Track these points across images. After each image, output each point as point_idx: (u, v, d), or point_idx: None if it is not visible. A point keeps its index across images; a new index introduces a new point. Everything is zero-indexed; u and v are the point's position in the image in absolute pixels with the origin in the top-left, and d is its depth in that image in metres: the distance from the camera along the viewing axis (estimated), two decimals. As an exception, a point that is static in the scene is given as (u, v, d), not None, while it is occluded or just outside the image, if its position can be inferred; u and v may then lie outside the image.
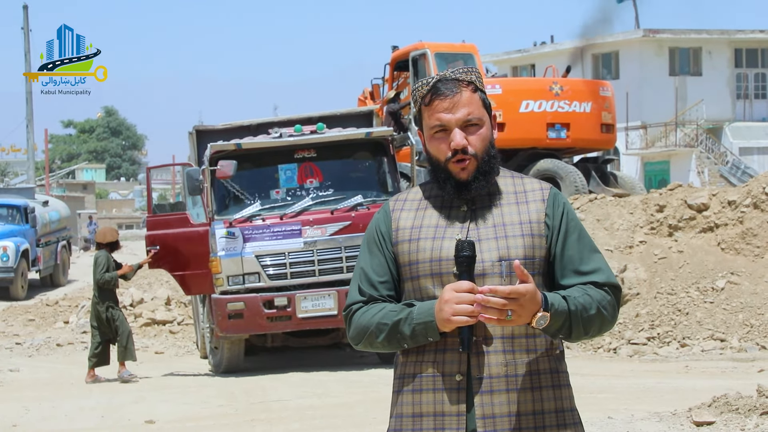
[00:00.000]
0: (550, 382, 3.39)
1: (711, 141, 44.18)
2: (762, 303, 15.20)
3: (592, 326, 3.38)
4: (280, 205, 14.37)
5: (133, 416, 11.42)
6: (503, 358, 3.35)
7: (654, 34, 45.12)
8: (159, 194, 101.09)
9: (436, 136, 3.42)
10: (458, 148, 3.38)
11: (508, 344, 3.35)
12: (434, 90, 3.41)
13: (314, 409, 11.39)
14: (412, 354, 3.43)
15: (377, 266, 3.49)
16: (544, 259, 3.42)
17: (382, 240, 3.51)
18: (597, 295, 3.39)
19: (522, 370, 3.36)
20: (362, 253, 3.55)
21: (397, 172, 14.74)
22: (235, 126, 15.80)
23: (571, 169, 21.45)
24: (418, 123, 3.52)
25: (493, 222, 3.42)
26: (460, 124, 3.39)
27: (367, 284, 3.48)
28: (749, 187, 17.35)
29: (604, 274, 3.43)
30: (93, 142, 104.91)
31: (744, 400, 9.20)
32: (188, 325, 18.55)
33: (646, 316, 15.45)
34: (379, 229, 3.53)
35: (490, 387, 3.33)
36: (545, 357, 3.40)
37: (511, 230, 3.40)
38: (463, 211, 3.44)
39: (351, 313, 3.48)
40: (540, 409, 3.37)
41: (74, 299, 22.07)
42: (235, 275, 13.97)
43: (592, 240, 3.50)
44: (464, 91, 3.41)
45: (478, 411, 3.33)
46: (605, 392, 11.30)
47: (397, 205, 3.54)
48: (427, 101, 3.42)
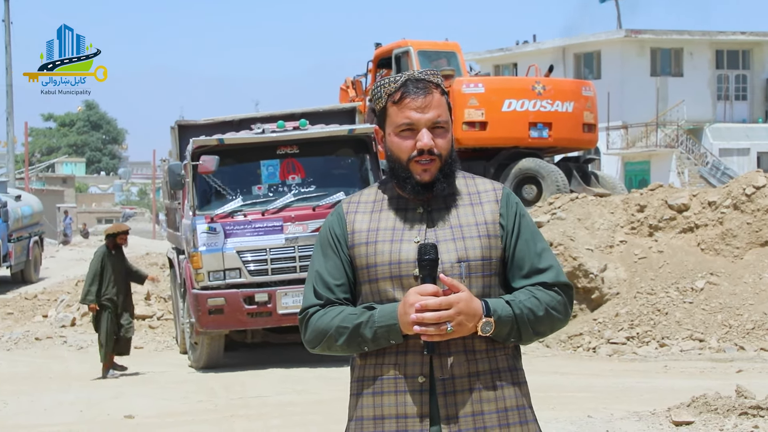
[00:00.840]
0: (510, 379, 3.41)
1: (691, 142, 44.33)
2: (741, 304, 15.27)
3: (542, 328, 3.40)
4: (261, 201, 14.35)
5: (112, 411, 11.39)
6: (465, 357, 3.35)
7: (636, 34, 45.24)
8: (139, 188, 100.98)
9: (401, 134, 3.40)
10: (425, 149, 3.38)
11: (468, 344, 3.36)
12: (406, 88, 3.40)
13: (294, 405, 11.38)
14: (371, 357, 3.41)
15: (332, 269, 3.46)
16: (500, 259, 3.43)
17: (336, 242, 3.49)
18: (545, 296, 3.40)
19: (483, 369, 3.37)
20: (316, 256, 3.53)
21: (379, 169, 14.74)
22: (217, 121, 15.78)
23: (553, 168, 21.49)
24: (377, 119, 3.49)
25: (449, 223, 3.42)
26: (429, 125, 3.39)
27: (323, 287, 3.45)
28: (729, 188, 17.41)
29: (553, 273, 3.44)
30: (73, 136, 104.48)
31: (723, 401, 9.24)
32: (168, 320, 18.50)
33: (625, 315, 15.49)
34: (333, 231, 3.50)
35: (453, 387, 3.34)
36: (504, 356, 3.42)
37: (468, 231, 3.41)
38: (420, 213, 3.44)
39: (307, 316, 3.45)
40: (503, 407, 3.38)
41: (53, 293, 21.98)
42: (216, 271, 13.95)
43: (544, 239, 3.52)
44: (435, 93, 3.41)
45: (442, 412, 3.33)
46: (584, 391, 11.33)
47: (351, 207, 3.53)
48: (396, 98, 3.40)
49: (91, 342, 17.32)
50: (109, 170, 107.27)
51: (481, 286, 3.39)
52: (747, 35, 46.69)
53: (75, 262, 31.64)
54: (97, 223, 72.64)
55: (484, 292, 3.39)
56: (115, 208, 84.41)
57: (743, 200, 16.75)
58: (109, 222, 75.47)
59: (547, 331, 3.43)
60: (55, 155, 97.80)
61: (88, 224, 63.59)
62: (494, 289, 3.42)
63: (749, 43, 46.81)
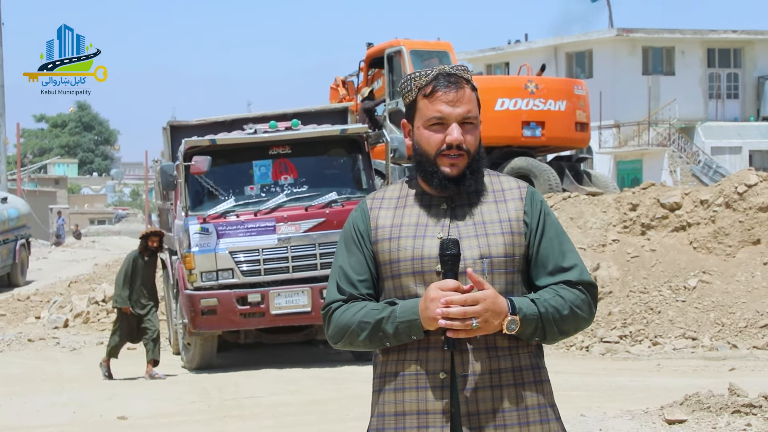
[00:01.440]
0: (531, 377, 3.41)
1: (683, 140, 44.38)
2: (733, 302, 15.29)
3: (567, 327, 3.39)
4: (254, 201, 14.35)
5: (105, 412, 11.38)
6: (486, 354, 3.35)
7: (627, 33, 45.28)
8: (132, 189, 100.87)
9: (431, 128, 3.40)
10: (455, 143, 3.37)
11: (491, 341, 3.35)
12: (437, 82, 3.40)
13: (287, 406, 11.38)
14: (393, 352, 3.42)
15: (356, 264, 3.47)
16: (524, 257, 3.42)
17: (360, 238, 3.49)
18: (569, 295, 3.39)
19: (504, 367, 3.36)
20: (340, 252, 3.53)
21: (371, 169, 14.74)
22: (209, 122, 15.77)
23: (545, 167, 21.50)
24: (407, 113, 3.49)
25: (473, 220, 3.42)
26: (460, 120, 3.39)
27: (346, 283, 3.46)
28: (721, 186, 17.44)
29: (577, 271, 3.43)
30: (65, 137, 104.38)
31: (715, 399, 9.25)
32: (161, 321, 18.48)
33: (618, 314, 15.51)
34: (357, 227, 3.50)
35: (474, 384, 3.33)
36: (526, 353, 3.41)
37: (491, 228, 3.40)
38: (443, 209, 3.44)
39: (330, 311, 3.46)
40: (524, 405, 3.38)
41: (46, 294, 21.96)
42: (209, 271, 13.94)
43: (569, 238, 3.52)
44: (466, 88, 3.42)
45: (463, 408, 3.33)
46: (578, 390, 11.33)
47: (375, 203, 3.53)
48: (428, 92, 3.40)
49: (84, 343, 17.31)
50: (102, 171, 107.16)
51: (503, 283, 3.38)
52: (738, 33, 46.75)
53: (67, 264, 31.61)
54: (89, 224, 72.62)
55: (506, 289, 3.38)
56: (108, 209, 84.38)
57: (735, 198, 16.78)
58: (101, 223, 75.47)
59: (571, 330, 3.42)
60: (48, 156, 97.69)
61: (81, 225, 63.55)
62: (517, 286, 3.41)
63: (741, 41, 46.87)
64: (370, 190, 14.41)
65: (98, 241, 46.67)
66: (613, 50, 45.10)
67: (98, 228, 69.87)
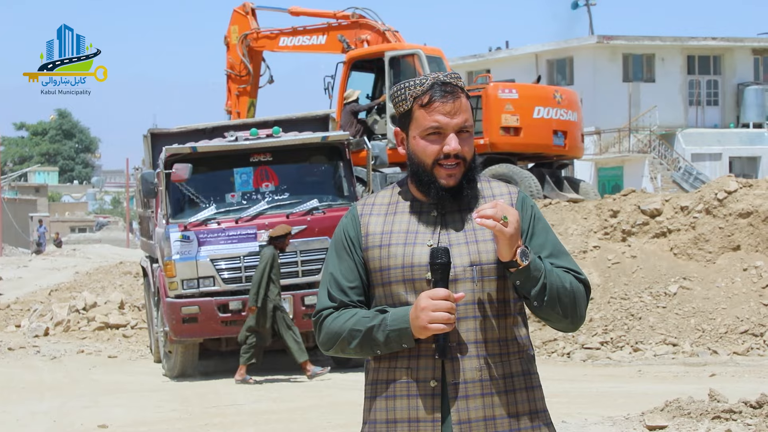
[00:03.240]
0: (523, 384, 3.42)
1: (664, 147, 44.53)
2: (714, 308, 15.34)
3: (565, 299, 3.36)
4: (235, 208, 14.33)
5: (85, 421, 11.34)
6: (477, 362, 3.35)
7: (608, 40, 45.43)
8: (113, 197, 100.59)
9: (428, 137, 3.39)
10: (452, 153, 3.37)
11: (481, 348, 3.36)
12: (434, 91, 3.39)
13: (269, 414, 11.36)
14: (384, 360, 3.42)
15: (347, 271, 3.47)
16: None
17: (351, 245, 3.48)
18: (569, 276, 3.40)
19: (496, 374, 3.37)
20: (330, 259, 3.53)
21: (353, 177, 14.74)
22: (190, 129, 15.74)
23: (526, 173, 21.54)
24: (400, 121, 3.48)
25: (463, 227, 3.42)
26: (457, 130, 3.39)
27: (337, 290, 3.46)
28: (701, 192, 17.50)
29: (572, 266, 3.44)
30: (45, 145, 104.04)
31: (696, 405, 9.28)
32: (142, 329, 18.44)
33: (599, 320, 15.54)
34: (347, 233, 3.50)
35: (465, 392, 3.34)
36: (517, 360, 3.42)
37: (481, 235, 3.40)
38: (434, 216, 3.44)
39: (321, 318, 3.46)
40: (515, 412, 3.38)
41: (26, 303, 21.87)
42: (190, 279, 13.92)
43: (561, 243, 3.51)
44: (462, 97, 3.41)
45: (454, 417, 3.33)
46: (559, 396, 11.35)
47: (365, 210, 3.52)
48: (425, 102, 3.39)
49: (64, 352, 17.25)
50: (82, 179, 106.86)
51: (495, 290, 3.38)
52: (718, 41, 46.96)
53: (48, 272, 31.48)
54: (70, 232, 72.37)
55: (498, 296, 3.38)
56: (89, 217, 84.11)
57: (715, 205, 16.84)
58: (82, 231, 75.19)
59: (568, 307, 3.38)
60: (28, 164, 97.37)
61: (62, 233, 63.33)
62: (509, 292, 3.40)
63: (720, 48, 47.08)
64: (351, 197, 14.42)
65: (79, 249, 46.49)
66: (593, 57, 45.25)
67: (79, 236, 69.63)
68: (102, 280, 23.71)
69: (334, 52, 23.28)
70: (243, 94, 24.69)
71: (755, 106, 46.57)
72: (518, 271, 3.30)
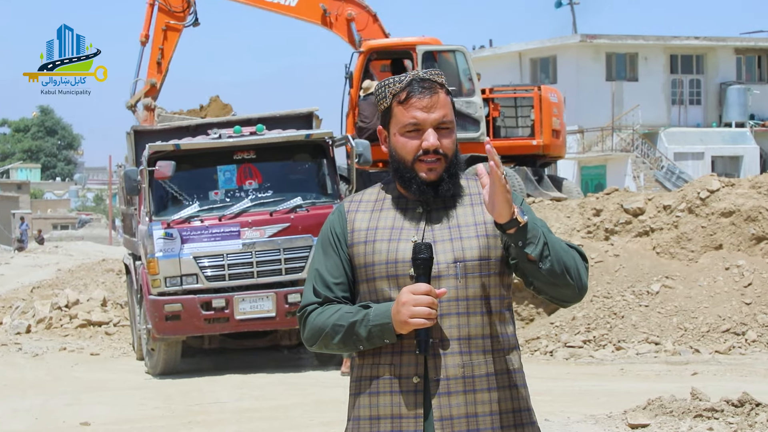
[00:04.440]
0: (507, 382, 3.42)
1: (646, 146, 44.65)
2: (696, 307, 15.39)
3: (569, 260, 3.33)
4: (218, 206, 14.31)
5: (67, 418, 11.31)
6: (460, 359, 3.36)
7: (591, 39, 45.51)
8: (95, 194, 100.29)
9: (407, 134, 3.41)
10: (431, 149, 3.38)
11: (464, 345, 3.36)
12: (411, 88, 3.41)
13: (252, 412, 11.36)
14: (368, 356, 3.43)
15: (332, 267, 3.48)
16: (501, 259, 3.42)
17: (337, 241, 3.50)
18: (564, 244, 3.38)
19: (479, 371, 3.37)
20: (317, 255, 3.54)
21: (336, 174, 14.74)
22: (173, 126, 15.72)
23: (510, 172, 21.54)
24: (382, 119, 3.50)
25: (448, 224, 3.43)
26: (435, 125, 3.40)
27: (322, 285, 3.47)
28: (684, 192, 17.55)
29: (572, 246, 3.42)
30: (28, 142, 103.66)
31: (678, 403, 9.31)
32: (124, 326, 18.40)
33: (582, 319, 15.57)
34: (333, 230, 3.52)
35: (448, 389, 3.34)
36: (502, 358, 3.42)
37: (465, 231, 3.41)
38: (419, 212, 3.45)
39: (306, 314, 3.48)
40: (497, 409, 3.38)
41: (8, 300, 21.80)
42: (173, 276, 13.89)
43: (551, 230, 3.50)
44: (440, 93, 3.42)
45: (436, 413, 3.34)
46: (542, 395, 11.37)
47: (352, 206, 3.54)
48: (402, 98, 3.41)
49: (46, 349, 17.19)
50: (65, 176, 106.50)
51: (479, 286, 3.39)
52: (701, 40, 47.10)
53: (30, 269, 31.38)
54: (52, 230, 72.09)
55: (482, 293, 3.39)
56: (71, 214, 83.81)
57: (698, 204, 16.89)
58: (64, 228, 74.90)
59: (572, 269, 3.33)
60: (10, 161, 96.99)
61: (44, 230, 63.10)
62: (494, 289, 3.41)
63: (703, 47, 47.22)
64: (335, 195, 14.43)
65: (61, 246, 46.32)
66: (576, 56, 45.33)
67: (61, 233, 69.38)
68: (84, 278, 23.63)
69: (307, 19, 21.88)
70: (172, 29, 21.62)
71: (738, 105, 46.71)
72: (518, 230, 3.25)
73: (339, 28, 21.90)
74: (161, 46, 21.31)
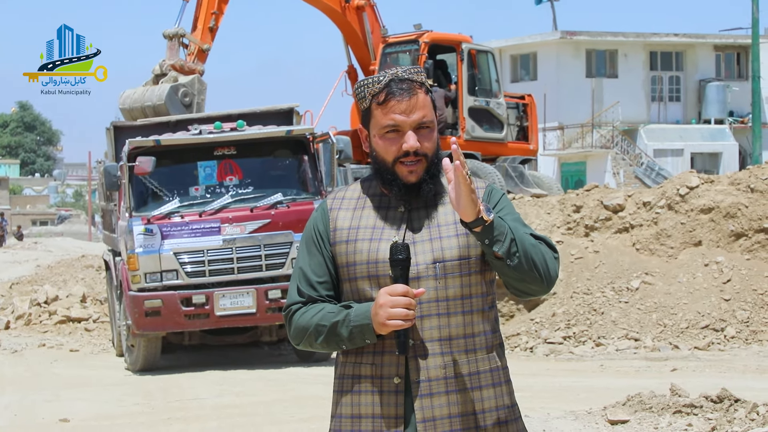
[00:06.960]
0: (489, 380, 3.40)
1: (626, 142, 44.77)
2: (675, 303, 15.44)
3: (536, 255, 3.30)
4: (199, 202, 14.28)
5: (47, 415, 11.27)
6: (442, 360, 3.35)
7: (571, 36, 45.60)
8: (75, 190, 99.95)
9: (386, 136, 3.39)
10: (411, 150, 3.36)
11: (446, 346, 3.36)
12: (390, 89, 3.37)
13: (232, 408, 11.34)
14: (351, 355, 3.43)
15: (316, 266, 3.47)
16: (480, 257, 3.40)
17: (320, 239, 3.48)
18: (532, 239, 3.35)
19: (461, 371, 3.36)
20: (301, 253, 3.53)
21: (317, 171, 14.71)
22: (153, 122, 15.67)
23: (491, 169, 21.59)
24: (363, 119, 3.48)
25: (428, 223, 3.41)
26: (414, 126, 3.37)
27: (306, 285, 3.46)
28: (664, 188, 17.60)
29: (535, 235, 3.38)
30: (7, 137, 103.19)
31: (657, 399, 9.34)
32: (104, 322, 18.34)
33: (562, 315, 15.61)
34: (317, 228, 3.50)
35: (430, 390, 3.34)
36: (484, 357, 3.41)
37: (445, 231, 3.40)
38: (401, 212, 3.44)
39: (291, 313, 3.47)
40: (480, 408, 3.37)
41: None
42: (153, 272, 13.86)
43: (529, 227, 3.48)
44: (419, 93, 3.39)
45: (419, 415, 3.33)
46: (522, 391, 11.37)
47: (335, 204, 3.52)
48: (381, 100, 3.38)
49: (25, 345, 17.13)
50: (44, 172, 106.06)
51: (459, 286, 3.37)
52: (680, 37, 47.23)
53: (9, 265, 31.25)
54: (31, 225, 71.82)
55: (462, 292, 3.37)
56: (50, 210, 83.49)
57: (677, 200, 16.95)
58: (44, 224, 74.60)
59: (539, 264, 3.30)
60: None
61: (23, 226, 62.85)
62: (475, 287, 3.39)
63: (682, 44, 47.36)
64: (315, 192, 14.41)
65: (40, 243, 46.17)
66: (557, 53, 45.40)
67: (40, 229, 69.12)
68: (64, 274, 23.56)
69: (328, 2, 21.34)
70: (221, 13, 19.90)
71: (717, 102, 46.88)
72: (484, 229, 3.23)
73: (353, 17, 21.73)
74: (215, 11, 19.85)
